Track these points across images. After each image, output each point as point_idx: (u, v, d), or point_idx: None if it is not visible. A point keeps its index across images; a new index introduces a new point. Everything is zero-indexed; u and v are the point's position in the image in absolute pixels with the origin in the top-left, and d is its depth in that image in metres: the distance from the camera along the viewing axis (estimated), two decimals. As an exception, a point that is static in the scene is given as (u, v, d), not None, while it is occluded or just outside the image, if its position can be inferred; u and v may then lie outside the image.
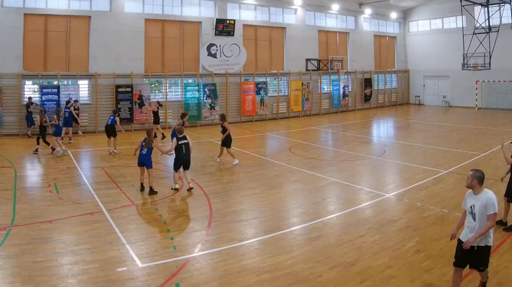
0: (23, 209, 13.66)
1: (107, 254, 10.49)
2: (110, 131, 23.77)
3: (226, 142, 20.99)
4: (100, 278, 9.22)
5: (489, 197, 8.05)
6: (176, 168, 16.45)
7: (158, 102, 29.76)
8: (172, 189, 16.28)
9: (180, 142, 16.30)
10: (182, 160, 16.33)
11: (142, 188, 16.19)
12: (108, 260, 10.13)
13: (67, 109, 26.89)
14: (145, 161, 16.08)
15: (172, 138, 17.15)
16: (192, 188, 15.98)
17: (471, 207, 8.19)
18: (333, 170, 19.70)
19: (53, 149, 23.05)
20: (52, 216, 13.10)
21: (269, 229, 12.30)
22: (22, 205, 14.07)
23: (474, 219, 8.11)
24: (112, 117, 24.03)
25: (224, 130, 21.03)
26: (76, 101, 29.70)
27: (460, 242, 8.28)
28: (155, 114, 28.78)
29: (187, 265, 9.96)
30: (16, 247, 10.70)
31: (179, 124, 19.62)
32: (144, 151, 16.09)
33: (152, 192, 15.84)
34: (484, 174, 8.25)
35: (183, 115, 22.00)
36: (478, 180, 8.14)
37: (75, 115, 28.53)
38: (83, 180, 17.85)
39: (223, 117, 21.59)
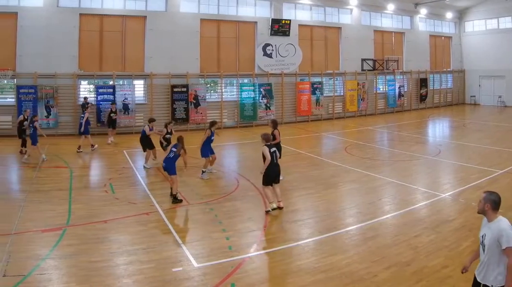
0: (78, 209, 12.96)
1: (163, 254, 9.94)
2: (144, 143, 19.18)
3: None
4: (155, 278, 8.79)
5: (503, 227, 6.02)
6: (267, 182, 13.15)
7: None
8: (268, 211, 12.94)
9: (272, 150, 13.16)
10: (274, 172, 13.24)
11: (171, 194, 14.24)
12: (163, 260, 9.62)
13: (82, 115, 22.91)
14: (168, 167, 14.04)
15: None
16: (282, 207, 13.24)
17: (482, 236, 6.34)
18: (389, 170, 18.47)
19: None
20: (107, 216, 12.45)
21: (325, 229, 11.57)
22: (78, 205, 13.34)
23: (483, 250, 6.26)
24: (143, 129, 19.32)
25: (273, 138, 17.40)
26: (113, 103, 26.29)
27: (474, 278, 6.44)
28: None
29: (243, 265, 9.41)
30: (71, 247, 10.17)
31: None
32: (171, 155, 14.17)
33: (176, 200, 13.88)
34: (500, 197, 6.30)
35: (212, 124, 17.78)
36: (491, 204, 6.20)
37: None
38: (139, 179, 16.87)
39: (275, 125, 17.17)
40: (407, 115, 39.88)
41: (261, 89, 33.28)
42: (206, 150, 17.09)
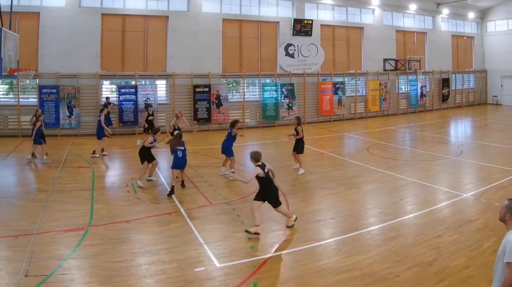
0: (100, 209, 12.57)
1: (185, 254, 9.63)
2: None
3: (298, 147, 17.42)
4: (177, 278, 8.52)
5: (510, 239, 5.46)
6: (276, 203, 11.09)
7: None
8: (289, 226, 11.30)
9: (266, 169, 11.00)
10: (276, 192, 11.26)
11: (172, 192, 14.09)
12: (185, 260, 9.32)
13: (99, 117, 20.96)
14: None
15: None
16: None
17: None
18: (411, 170, 17.74)
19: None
20: (129, 216, 12.05)
21: (347, 229, 11.19)
22: (100, 205, 12.94)
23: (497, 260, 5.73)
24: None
25: (296, 134, 17.47)
26: (149, 106, 24.75)
27: None
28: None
29: (265, 265, 9.13)
30: (93, 247, 9.86)
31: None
32: (180, 154, 14.32)
33: (172, 192, 13.98)
34: None
35: (233, 124, 16.88)
36: None
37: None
38: (161, 179, 16.10)
39: (298, 121, 17.77)
40: (429, 115, 38.22)
41: (283, 89, 31.87)
42: (231, 149, 16.41)
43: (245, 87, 31.22)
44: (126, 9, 27.74)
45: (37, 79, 25.56)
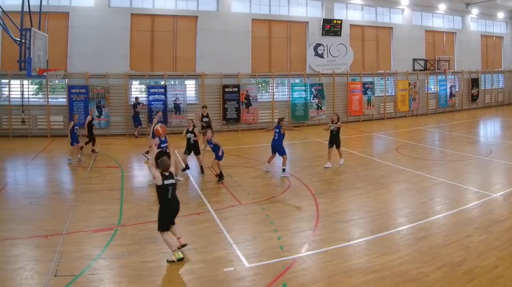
0: (130, 209, 11.95)
1: (214, 254, 9.05)
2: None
3: (338, 141, 17.13)
4: (207, 278, 8.04)
5: None
6: (164, 227, 8.73)
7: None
8: (172, 261, 8.70)
9: (166, 182, 8.69)
10: (172, 211, 8.90)
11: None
12: (215, 260, 8.74)
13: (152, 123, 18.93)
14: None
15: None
16: (185, 245, 9.07)
17: None
18: (440, 170, 16.69)
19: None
20: None
21: (376, 229, 10.53)
22: (129, 205, 12.28)
23: None
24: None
25: (338, 130, 17.12)
26: (204, 106, 21.23)
27: None
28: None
29: (294, 265, 8.52)
30: (123, 247, 9.32)
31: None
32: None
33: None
34: None
35: (279, 122, 16.36)
36: None
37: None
38: (190, 179, 15.18)
39: (339, 117, 17.49)
40: (458, 115, 35.73)
41: (313, 89, 29.64)
42: (282, 146, 15.98)
43: (274, 87, 29.22)
44: (155, 9, 25.94)
45: (66, 79, 23.96)
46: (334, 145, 16.97)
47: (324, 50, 30.71)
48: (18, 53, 16.63)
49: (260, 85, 29.16)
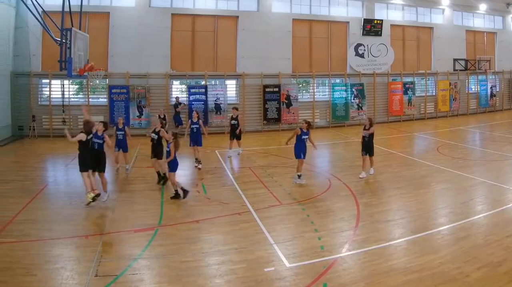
0: (170, 209, 10.82)
1: (255, 254, 8.19)
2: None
3: (371, 148, 14.17)
4: (247, 278, 7.26)
5: None
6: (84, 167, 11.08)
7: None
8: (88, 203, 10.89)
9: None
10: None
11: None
12: (255, 260, 7.94)
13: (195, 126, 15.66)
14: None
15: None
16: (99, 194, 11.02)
17: None
18: (481, 170, 15.20)
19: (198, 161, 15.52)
20: (199, 216, 10.26)
21: (417, 229, 9.40)
22: (170, 205, 11.15)
23: None
24: None
25: (370, 137, 14.20)
26: (235, 108, 18.03)
27: None
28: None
29: (335, 265, 7.73)
30: (163, 247, 8.45)
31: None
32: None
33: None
34: None
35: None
36: None
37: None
38: (231, 180, 14.01)
39: (371, 123, 14.26)
40: (499, 115, 32.10)
41: (353, 89, 26.51)
42: (298, 150, 13.24)
43: (315, 87, 26.17)
44: (196, 9, 23.36)
45: (107, 79, 21.67)
46: (368, 153, 14.13)
47: (364, 50, 27.53)
48: (58, 53, 15.11)
49: (300, 85, 26.19)
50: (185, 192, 11.46)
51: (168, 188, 12.34)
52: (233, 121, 17.10)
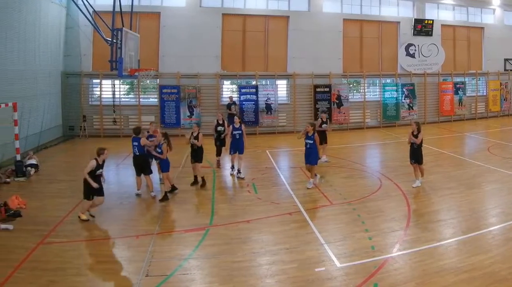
0: (221, 209, 9.57)
1: (305, 254, 7.30)
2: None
3: (420, 157, 11.34)
4: (298, 278, 6.47)
5: None
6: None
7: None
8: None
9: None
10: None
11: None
12: (306, 260, 7.06)
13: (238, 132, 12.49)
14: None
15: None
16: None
17: None
18: None
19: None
20: (250, 216, 9.06)
21: (467, 229, 8.28)
22: (221, 205, 9.87)
23: None
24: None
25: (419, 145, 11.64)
26: (323, 112, 16.02)
27: None
28: None
29: (385, 265, 6.79)
30: (214, 247, 7.54)
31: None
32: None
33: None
34: None
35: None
36: None
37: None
38: (281, 180, 12.19)
39: (419, 128, 11.34)
40: (551, 115, 27.58)
41: (404, 89, 22.74)
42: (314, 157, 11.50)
43: (365, 87, 22.61)
44: (246, 9, 20.29)
45: (158, 79, 18.92)
46: (417, 161, 11.40)
47: (415, 50, 23.67)
48: (109, 53, 13.57)
49: (351, 85, 22.68)
50: (172, 191, 10.31)
51: (219, 189, 11.34)
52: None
